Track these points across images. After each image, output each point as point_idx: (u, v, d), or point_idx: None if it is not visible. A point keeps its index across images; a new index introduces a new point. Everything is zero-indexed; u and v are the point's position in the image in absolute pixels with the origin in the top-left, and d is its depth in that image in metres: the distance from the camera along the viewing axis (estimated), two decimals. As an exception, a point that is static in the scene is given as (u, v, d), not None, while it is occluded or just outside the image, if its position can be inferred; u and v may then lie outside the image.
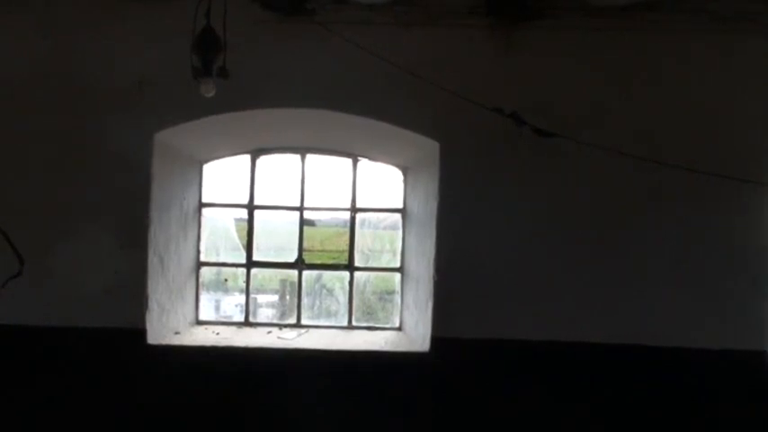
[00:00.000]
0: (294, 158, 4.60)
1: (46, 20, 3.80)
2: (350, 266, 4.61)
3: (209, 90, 2.92)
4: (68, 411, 3.82)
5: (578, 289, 3.84)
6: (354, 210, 4.60)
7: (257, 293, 4.85)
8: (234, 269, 4.67)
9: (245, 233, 4.60)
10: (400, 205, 4.60)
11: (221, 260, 4.70)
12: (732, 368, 3.80)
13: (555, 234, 3.85)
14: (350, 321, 4.59)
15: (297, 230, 4.57)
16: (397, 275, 4.62)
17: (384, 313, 4.78)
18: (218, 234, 4.71)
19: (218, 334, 4.31)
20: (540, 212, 3.85)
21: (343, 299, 4.65)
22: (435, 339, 3.90)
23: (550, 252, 3.85)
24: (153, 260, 3.92)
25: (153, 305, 3.93)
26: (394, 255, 4.66)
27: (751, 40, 3.80)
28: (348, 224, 4.62)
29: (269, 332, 4.41)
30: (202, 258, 4.59)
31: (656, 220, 3.84)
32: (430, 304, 3.95)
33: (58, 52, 3.80)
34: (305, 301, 4.63)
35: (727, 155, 3.75)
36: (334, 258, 4.88)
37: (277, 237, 4.79)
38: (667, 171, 3.54)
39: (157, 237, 3.96)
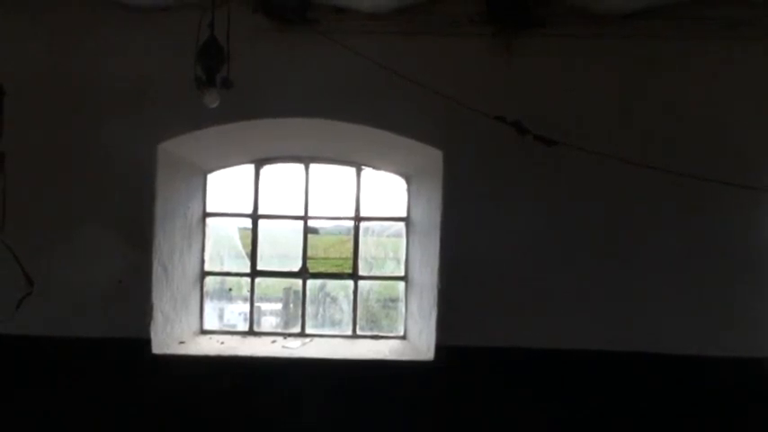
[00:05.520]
0: (298, 168, 4.61)
1: (49, 30, 3.84)
2: (354, 275, 4.61)
3: (212, 100, 2.93)
4: (73, 421, 3.82)
5: (581, 297, 3.84)
6: (358, 218, 4.61)
7: (261, 302, 4.85)
8: (238, 278, 4.69)
9: (248, 242, 4.62)
10: (404, 214, 4.61)
11: (225, 269, 4.72)
12: (735, 375, 3.79)
13: (558, 242, 3.85)
14: (354, 330, 4.59)
15: (301, 239, 4.59)
16: (401, 284, 4.62)
17: (388, 321, 4.77)
18: (222, 243, 4.72)
19: (222, 343, 4.31)
20: (543, 220, 3.85)
21: (348, 307, 4.66)
22: (439, 348, 3.90)
23: (553, 260, 3.85)
24: (157, 270, 3.94)
25: (157, 315, 3.94)
26: (398, 263, 4.66)
27: (751, 46, 3.81)
28: (351, 231, 4.63)
29: (273, 341, 4.42)
30: (206, 268, 4.60)
31: (658, 226, 3.84)
32: (434, 313, 3.95)
33: (61, 62, 3.83)
34: (309, 309, 4.63)
35: (728, 160, 3.76)
36: (337, 266, 4.88)
37: (281, 245, 4.79)
38: (669, 177, 3.53)
39: (162, 246, 3.98)
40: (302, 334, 4.57)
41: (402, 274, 4.61)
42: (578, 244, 3.85)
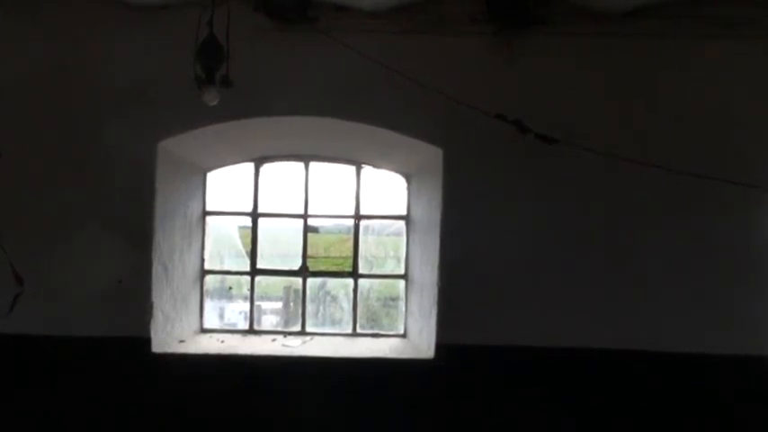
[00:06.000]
0: (298, 166, 4.61)
1: (49, 29, 3.82)
2: (354, 273, 4.61)
3: (212, 99, 2.92)
4: (73, 421, 3.82)
5: (582, 295, 3.84)
6: (358, 217, 4.60)
7: (261, 301, 4.85)
8: (238, 277, 4.68)
9: (248, 241, 4.61)
10: (404, 212, 4.60)
11: (225, 268, 4.72)
12: (735, 373, 3.80)
13: (558, 240, 3.85)
14: (354, 328, 4.58)
15: (301, 237, 4.58)
16: (402, 282, 4.61)
17: (388, 320, 4.77)
18: (222, 242, 4.72)
19: (222, 342, 4.31)
20: (544, 219, 3.85)
21: (348, 306, 4.66)
22: (440, 346, 3.90)
23: (554, 258, 3.85)
24: (157, 268, 3.93)
25: (157, 313, 3.94)
26: (398, 261, 4.66)
27: (752, 45, 3.81)
28: (351, 230, 4.62)
29: (273, 340, 4.42)
30: (206, 266, 4.60)
31: (658, 224, 3.84)
32: (434, 311, 3.95)
33: (61, 61, 3.81)
34: (309, 308, 4.63)
35: (729, 159, 3.76)
36: (337, 264, 4.88)
37: (281, 244, 4.79)
38: (669, 175, 3.53)
39: (161, 245, 3.97)
40: (302, 332, 4.56)
41: (402, 272, 4.61)
42: (579, 242, 3.85)
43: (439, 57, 3.82)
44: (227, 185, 4.65)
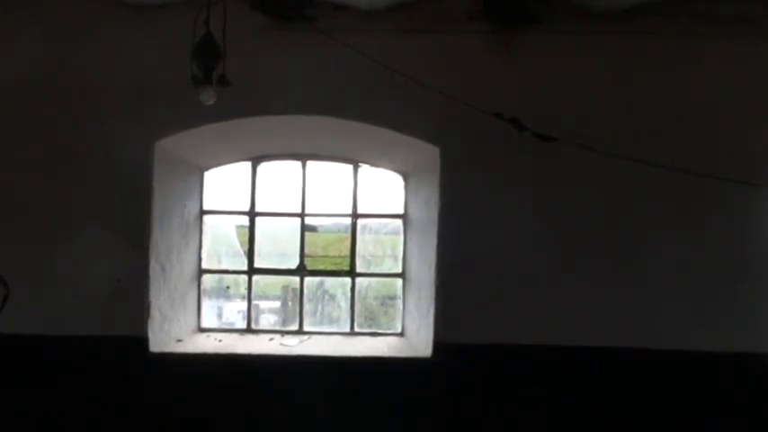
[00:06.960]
0: (295, 165, 4.60)
1: (47, 28, 3.82)
2: (352, 272, 4.60)
3: (209, 98, 2.90)
4: (71, 420, 3.81)
5: (580, 293, 3.83)
6: (356, 216, 4.59)
7: (259, 300, 4.83)
8: (235, 276, 4.67)
9: (246, 240, 4.60)
10: (401, 211, 4.59)
11: (223, 267, 4.70)
12: (735, 370, 3.79)
13: (556, 238, 3.85)
14: (352, 327, 4.58)
15: (298, 237, 4.57)
16: (399, 281, 4.61)
17: (386, 319, 4.77)
18: (219, 241, 4.71)
19: (220, 341, 4.31)
20: (542, 217, 3.85)
21: (345, 305, 4.65)
22: (437, 345, 3.90)
23: (552, 256, 3.85)
24: (155, 268, 3.93)
25: (155, 313, 3.93)
26: (395, 260, 4.65)
27: (750, 43, 3.79)
28: (349, 229, 4.62)
29: (271, 339, 4.41)
30: (204, 265, 4.59)
31: (658, 223, 3.84)
32: (432, 309, 3.95)
33: (58, 61, 3.81)
34: (307, 307, 4.62)
35: (728, 157, 3.74)
36: (335, 264, 4.87)
37: (278, 243, 4.78)
38: (668, 174, 3.52)
39: (159, 244, 3.97)
40: (300, 331, 4.55)
41: (400, 271, 4.60)
42: (577, 240, 3.84)
43: (437, 55, 3.80)
44: (225, 184, 4.64)
